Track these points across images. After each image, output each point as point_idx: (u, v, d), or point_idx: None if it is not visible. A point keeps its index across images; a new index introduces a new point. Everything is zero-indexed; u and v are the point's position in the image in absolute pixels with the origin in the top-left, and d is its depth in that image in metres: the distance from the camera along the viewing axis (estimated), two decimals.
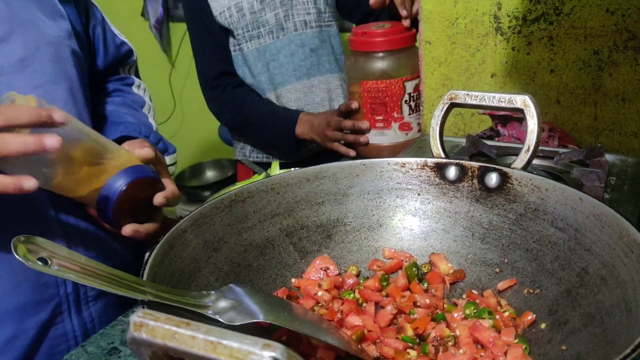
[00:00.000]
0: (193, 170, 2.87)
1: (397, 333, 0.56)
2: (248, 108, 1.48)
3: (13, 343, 0.78)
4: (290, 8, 1.45)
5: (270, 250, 0.64)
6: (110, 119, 0.92)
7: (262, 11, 1.44)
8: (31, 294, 0.78)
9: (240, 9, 1.43)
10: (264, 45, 1.46)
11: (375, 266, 0.65)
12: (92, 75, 0.91)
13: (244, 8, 1.43)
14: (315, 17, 1.48)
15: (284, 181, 0.65)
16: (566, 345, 0.50)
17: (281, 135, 1.44)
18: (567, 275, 0.54)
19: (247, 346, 0.29)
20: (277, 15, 1.45)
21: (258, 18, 1.44)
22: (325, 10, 1.50)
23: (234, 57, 1.50)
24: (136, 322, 0.32)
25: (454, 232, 0.65)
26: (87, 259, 0.45)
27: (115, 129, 0.87)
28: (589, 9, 1.00)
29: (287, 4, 1.45)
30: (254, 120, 1.48)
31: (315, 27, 1.49)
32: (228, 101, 1.50)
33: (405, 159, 0.67)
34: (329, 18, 1.52)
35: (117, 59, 0.99)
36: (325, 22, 1.51)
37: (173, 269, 0.53)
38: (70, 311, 0.83)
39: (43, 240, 0.43)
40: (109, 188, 0.71)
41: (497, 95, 0.65)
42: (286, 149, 1.48)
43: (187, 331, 0.30)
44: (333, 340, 0.49)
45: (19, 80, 0.75)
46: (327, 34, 1.52)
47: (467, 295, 0.60)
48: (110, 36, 0.97)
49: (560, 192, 0.58)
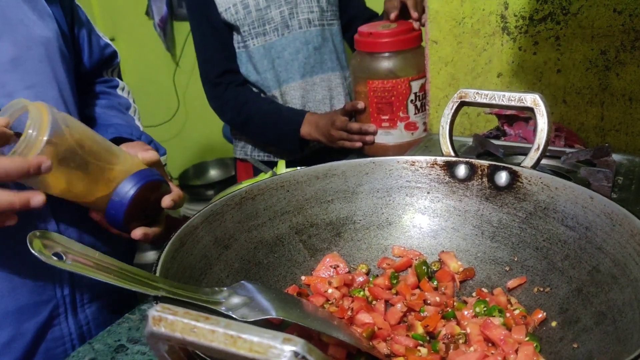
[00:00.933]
0: (197, 169, 2.87)
1: (407, 331, 0.56)
2: (250, 107, 1.49)
3: (11, 345, 0.78)
4: (294, 6, 1.46)
5: (280, 247, 0.64)
6: (99, 121, 0.91)
7: (267, 8, 1.45)
8: (29, 296, 0.78)
9: (247, 6, 1.44)
10: (269, 43, 1.47)
11: (385, 264, 0.65)
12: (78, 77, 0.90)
13: (249, 5, 1.44)
14: (318, 15, 1.50)
15: (293, 179, 0.66)
16: (578, 343, 0.50)
17: (285, 134, 1.44)
18: (577, 274, 0.55)
19: (268, 340, 0.29)
20: (282, 13, 1.46)
21: (264, 15, 1.45)
22: (328, 9, 1.52)
23: (238, 54, 1.51)
24: (155, 317, 0.32)
25: (463, 231, 0.65)
26: (101, 255, 0.45)
27: (105, 131, 0.86)
28: (597, 9, 1.00)
29: (292, 2, 1.46)
30: (256, 119, 1.49)
31: (319, 26, 1.50)
32: (230, 99, 1.50)
33: (415, 157, 0.67)
34: (331, 17, 1.53)
35: (102, 61, 0.98)
36: (327, 20, 1.52)
37: (184, 265, 0.53)
38: (67, 313, 0.83)
39: (58, 235, 0.44)
40: (119, 193, 0.71)
41: (507, 94, 0.65)
42: (290, 148, 1.48)
43: (207, 325, 0.31)
44: (344, 337, 0.50)
45: (10, 79, 0.75)
46: (330, 32, 1.53)
47: (477, 293, 0.60)
48: (95, 38, 0.97)
49: (571, 191, 0.58)
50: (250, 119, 1.49)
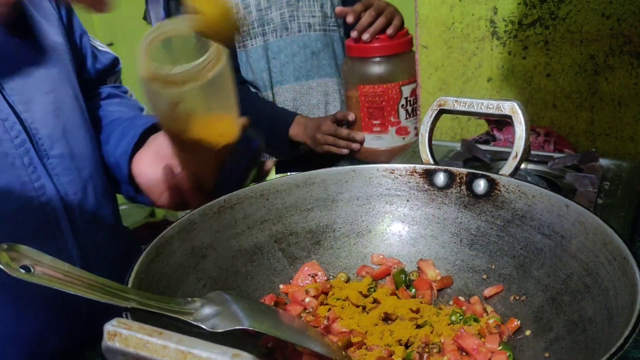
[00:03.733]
0: None
1: (382, 339, 0.56)
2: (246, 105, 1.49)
3: None
4: (295, 9, 1.47)
5: (259, 256, 0.64)
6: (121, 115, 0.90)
7: (268, 9, 1.46)
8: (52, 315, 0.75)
9: (247, 6, 1.45)
10: (267, 43, 1.48)
11: (364, 272, 0.65)
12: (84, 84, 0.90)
13: (250, 5, 1.45)
14: (321, 20, 1.50)
15: (273, 187, 0.66)
16: (549, 352, 0.50)
17: (276, 134, 1.45)
18: (552, 282, 0.55)
19: (216, 355, 0.29)
20: (283, 15, 1.47)
21: (264, 16, 1.46)
22: (331, 15, 1.52)
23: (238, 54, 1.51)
24: (110, 331, 0.32)
25: (442, 238, 0.65)
26: (70, 267, 0.45)
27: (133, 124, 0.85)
28: (585, 14, 1.00)
29: (293, 5, 1.47)
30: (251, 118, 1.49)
31: (320, 31, 1.50)
32: None
33: (394, 165, 0.67)
34: (334, 23, 1.53)
35: (106, 69, 0.99)
36: (330, 26, 1.52)
37: (159, 276, 0.53)
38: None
39: (26, 247, 0.44)
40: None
41: (485, 102, 0.65)
42: (280, 148, 1.49)
43: (159, 340, 0.31)
44: (317, 347, 0.50)
45: (29, 84, 0.74)
46: (331, 38, 1.53)
47: (454, 301, 0.61)
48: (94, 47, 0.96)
49: (547, 199, 0.58)
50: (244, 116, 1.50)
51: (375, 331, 0.56)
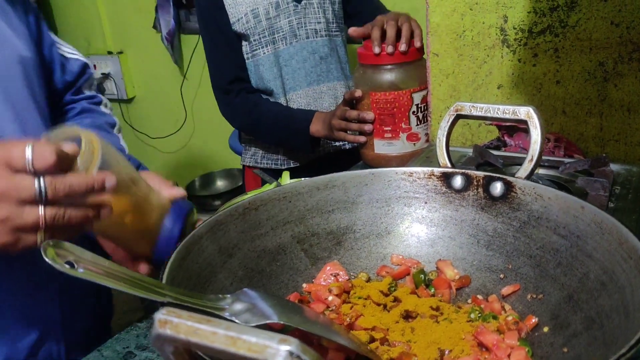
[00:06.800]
0: (203, 180, 2.90)
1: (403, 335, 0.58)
2: (261, 108, 1.53)
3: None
4: (303, 16, 1.52)
5: (282, 256, 0.66)
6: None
7: (277, 17, 1.49)
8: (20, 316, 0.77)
9: (257, 15, 1.48)
10: (278, 51, 1.52)
11: (384, 272, 0.67)
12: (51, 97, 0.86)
13: (260, 14, 1.48)
14: (325, 26, 1.55)
15: (295, 190, 0.68)
16: (568, 347, 0.52)
17: (296, 132, 1.47)
18: (569, 281, 0.56)
19: (265, 340, 0.31)
20: (291, 23, 1.51)
21: (273, 24, 1.49)
22: (333, 21, 1.58)
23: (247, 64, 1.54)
24: (161, 320, 0.34)
25: (459, 239, 0.67)
26: (110, 263, 0.47)
27: None
28: (594, 22, 1.02)
29: (300, 12, 1.51)
30: (267, 120, 1.52)
31: (325, 36, 1.56)
32: (241, 105, 1.54)
33: (413, 169, 0.69)
34: (336, 28, 1.59)
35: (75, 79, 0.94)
36: (332, 31, 1.58)
37: (190, 273, 0.55)
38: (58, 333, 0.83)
39: (70, 245, 0.46)
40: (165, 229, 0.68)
41: (501, 107, 0.67)
42: (301, 147, 1.51)
43: (209, 327, 0.33)
44: (344, 341, 0.52)
45: None
46: (335, 43, 1.59)
47: (472, 300, 0.62)
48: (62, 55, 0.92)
49: (563, 201, 0.60)
50: (261, 120, 1.53)
51: (397, 328, 0.58)
